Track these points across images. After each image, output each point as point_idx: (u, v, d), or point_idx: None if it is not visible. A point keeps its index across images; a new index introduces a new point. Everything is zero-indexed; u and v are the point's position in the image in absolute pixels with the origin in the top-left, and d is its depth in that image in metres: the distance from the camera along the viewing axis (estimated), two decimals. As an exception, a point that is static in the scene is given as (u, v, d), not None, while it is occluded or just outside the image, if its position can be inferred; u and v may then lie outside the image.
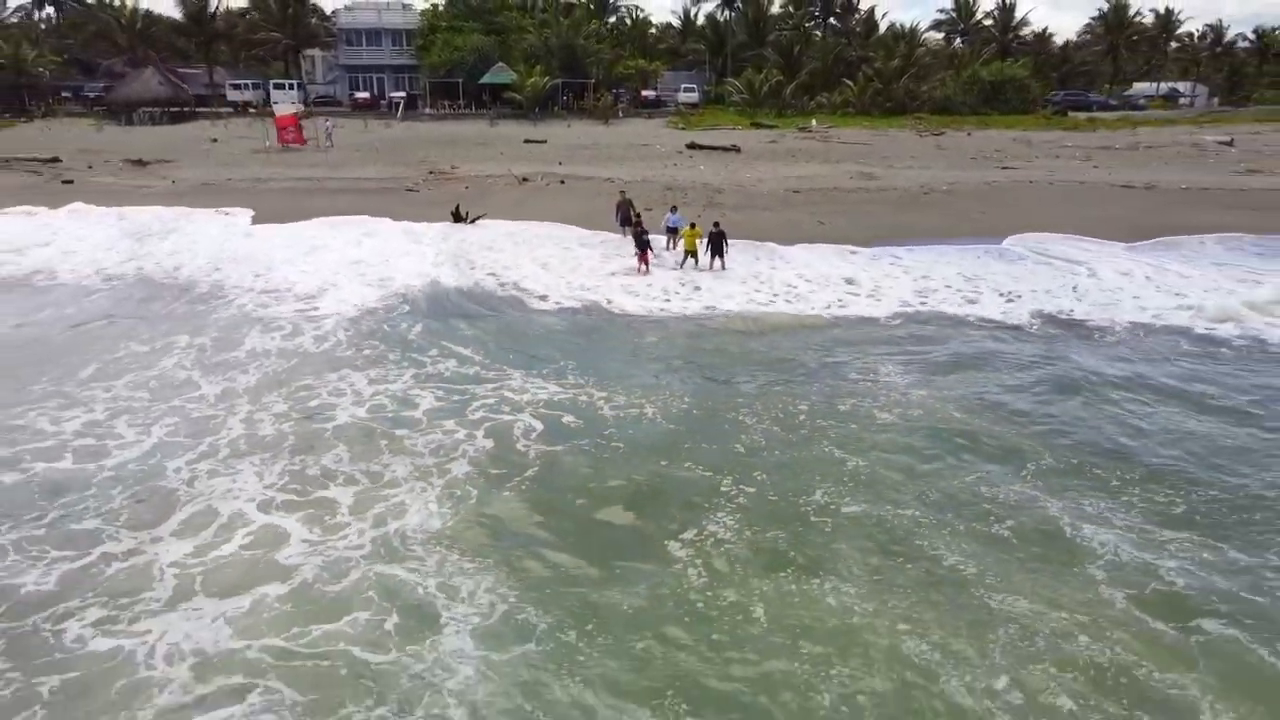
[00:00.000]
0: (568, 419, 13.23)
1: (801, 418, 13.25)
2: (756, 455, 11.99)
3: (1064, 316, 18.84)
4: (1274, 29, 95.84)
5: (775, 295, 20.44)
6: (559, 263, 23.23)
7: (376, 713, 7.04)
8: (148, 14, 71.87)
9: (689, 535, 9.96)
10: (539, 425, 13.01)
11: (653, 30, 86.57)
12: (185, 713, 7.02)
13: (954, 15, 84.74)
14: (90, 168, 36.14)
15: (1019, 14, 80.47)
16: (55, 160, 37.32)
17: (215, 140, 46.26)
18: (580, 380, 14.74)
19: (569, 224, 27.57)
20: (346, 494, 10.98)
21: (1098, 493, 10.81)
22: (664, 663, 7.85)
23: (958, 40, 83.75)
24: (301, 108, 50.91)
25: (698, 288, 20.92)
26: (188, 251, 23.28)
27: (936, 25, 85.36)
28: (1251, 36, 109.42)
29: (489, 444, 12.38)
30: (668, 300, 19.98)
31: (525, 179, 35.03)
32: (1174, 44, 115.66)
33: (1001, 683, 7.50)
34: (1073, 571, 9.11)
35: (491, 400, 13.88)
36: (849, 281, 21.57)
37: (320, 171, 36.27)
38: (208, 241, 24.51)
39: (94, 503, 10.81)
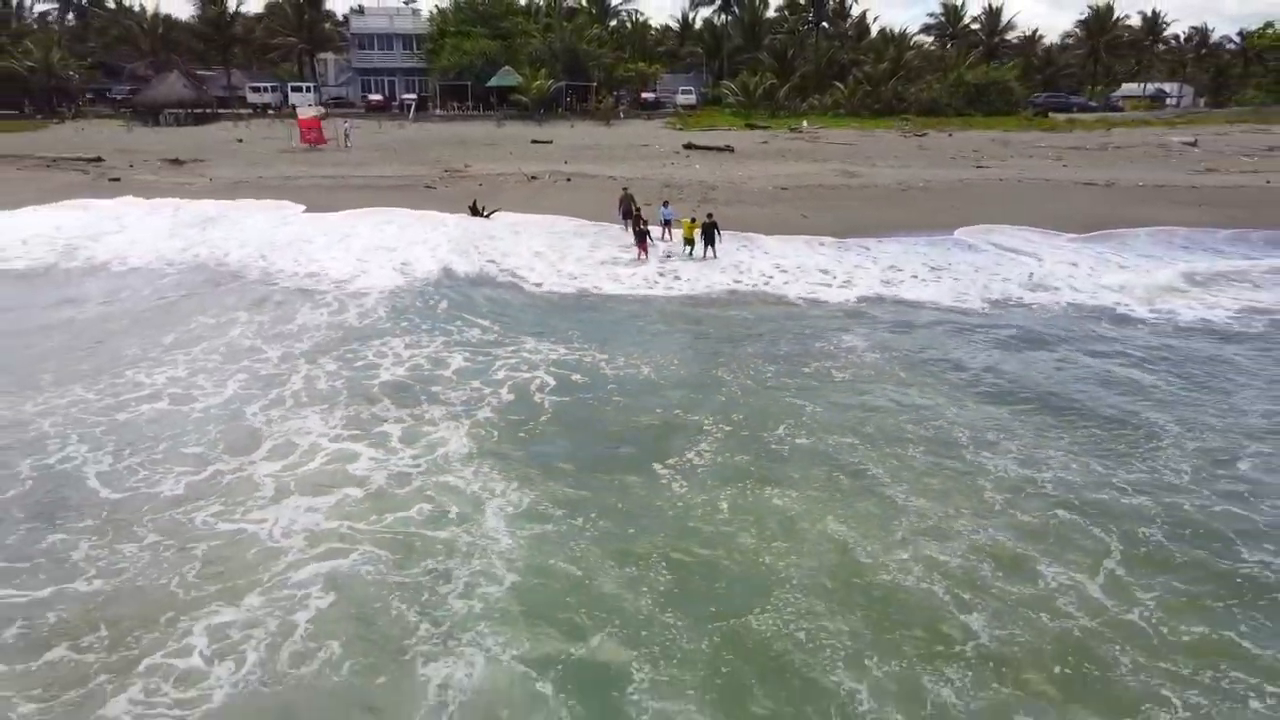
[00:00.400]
0: (575, 376, 15.75)
1: (769, 375, 15.81)
2: (731, 402, 14.53)
3: (1008, 299, 21.37)
4: (1256, 31, 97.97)
5: (755, 282, 22.87)
6: (565, 252, 25.77)
7: (445, 564, 9.58)
8: (168, 19, 74.47)
9: (671, 460, 12.47)
10: (551, 381, 15.54)
11: (652, 33, 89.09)
12: (308, 562, 9.56)
13: (943, 19, 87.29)
14: (131, 166, 38.64)
15: (1005, 18, 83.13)
16: (99, 160, 39.83)
17: (241, 140, 48.83)
18: (584, 346, 17.28)
19: (576, 217, 30.11)
20: (397, 429, 13.50)
21: (1001, 428, 13.36)
22: (646, 540, 10.35)
23: (948, 44, 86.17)
24: (322, 110, 53.30)
25: (678, 276, 23.30)
26: (237, 240, 25.88)
27: (926, 29, 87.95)
28: (1236, 38, 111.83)
29: (510, 396, 14.89)
30: (650, 288, 22.32)
31: (534, 177, 37.57)
32: (1160, 46, 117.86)
33: (898, 552, 10.03)
34: (966, 482, 11.66)
35: (511, 361, 16.44)
36: (823, 270, 24.04)
37: (343, 170, 38.81)
38: (255, 231, 27.14)
39: (194, 435, 13.35)
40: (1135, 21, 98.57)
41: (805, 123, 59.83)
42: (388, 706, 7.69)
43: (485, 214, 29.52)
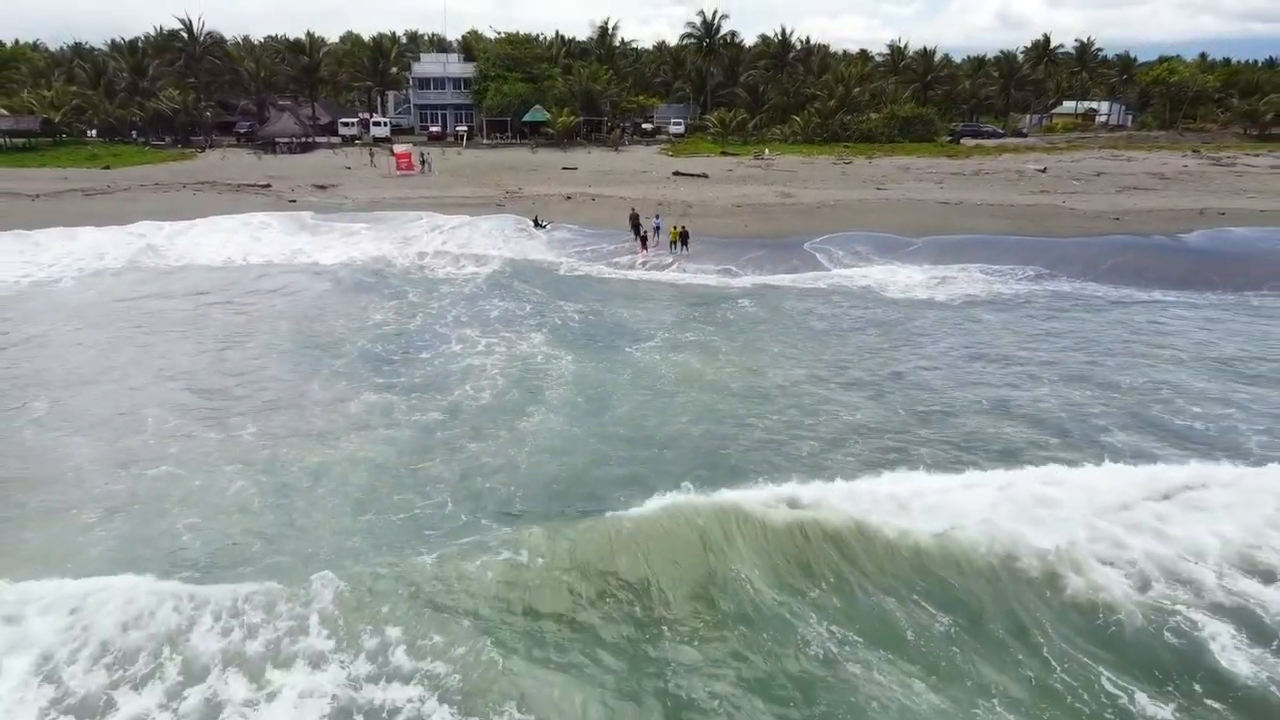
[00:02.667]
0: (590, 317, 28.97)
1: (693, 316, 29.02)
2: (669, 326, 27.69)
3: (833, 281, 34.38)
4: (1146, 66, 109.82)
5: (696, 275, 35.95)
6: (591, 248, 38.99)
7: (545, 373, 22.89)
8: (269, 63, 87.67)
9: (637, 345, 25.54)
10: (577, 318, 28.77)
11: (649, 66, 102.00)
12: (494, 370, 22.84)
13: (889, 59, 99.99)
14: (293, 190, 51.90)
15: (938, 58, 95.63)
16: (268, 185, 53.04)
17: (349, 168, 62.05)
18: (595, 304, 30.49)
19: (600, 226, 43.20)
20: (511, 335, 26.66)
21: (789, 341, 26.60)
22: (622, 368, 23.48)
23: (891, 82, 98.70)
24: (412, 146, 66.33)
25: (655, 269, 36.41)
26: (396, 245, 39.30)
27: (876, 68, 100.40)
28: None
29: (559, 323, 28.09)
30: (638, 274, 35.49)
31: (569, 197, 50.66)
32: (1085, 73, 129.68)
33: (714, 372, 23.29)
34: (758, 352, 24.90)
35: (555, 309, 29.68)
36: (729, 270, 37.14)
37: (434, 191, 52.04)
38: (402, 236, 40.58)
39: (418, 337, 26.59)
40: (1070, 47, 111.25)
41: (767, 150, 72.71)
42: (529, 407, 20.89)
43: (544, 225, 42.70)
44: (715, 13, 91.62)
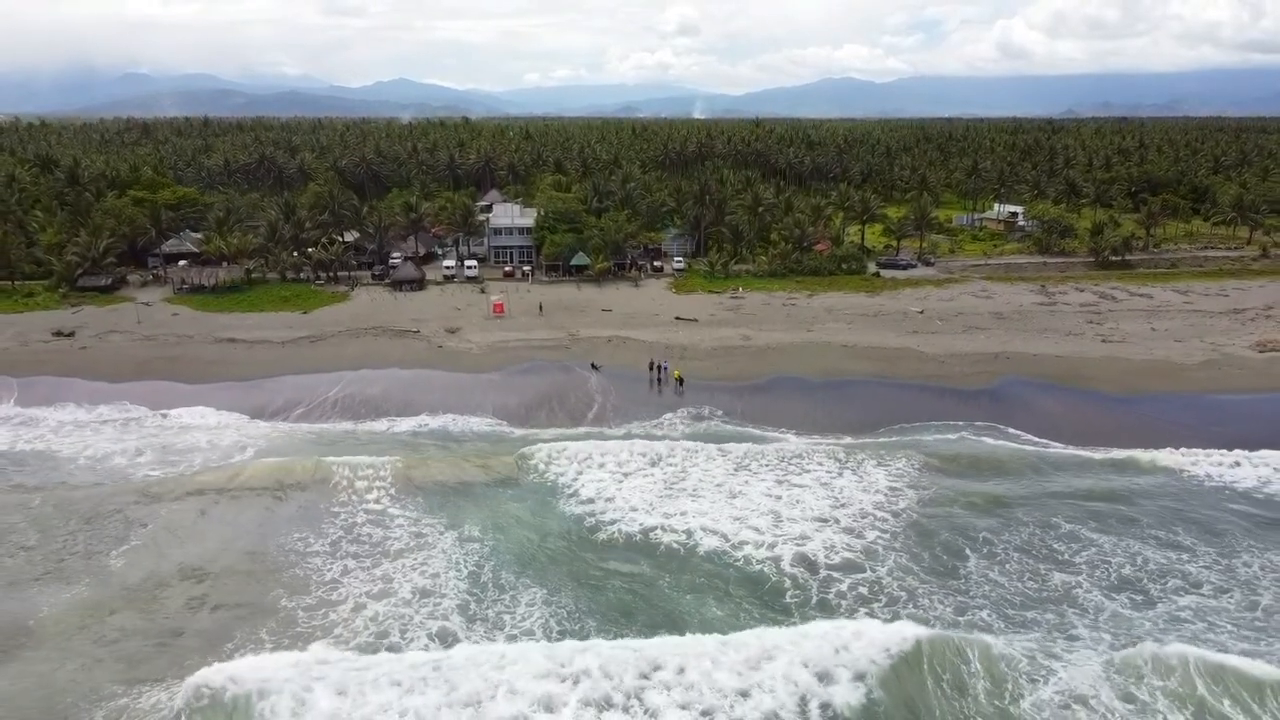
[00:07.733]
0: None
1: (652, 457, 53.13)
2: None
3: (726, 435, 58.24)
4: (1029, 203, 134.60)
5: (658, 430, 59.89)
6: (621, 390, 63.09)
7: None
8: (387, 215, 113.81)
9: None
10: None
11: (658, 197, 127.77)
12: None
13: (837, 199, 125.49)
14: (433, 334, 75.93)
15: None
16: (417, 331, 76.99)
17: (459, 309, 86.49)
18: (612, 429, 54.67)
19: (629, 367, 67.05)
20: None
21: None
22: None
23: (839, 215, 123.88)
24: (504, 295, 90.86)
25: (650, 424, 60.47)
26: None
27: (829, 204, 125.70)
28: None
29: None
30: (642, 425, 59.67)
31: (610, 340, 74.45)
32: (1004, 188, 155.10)
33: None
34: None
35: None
36: (693, 417, 61.13)
37: (522, 334, 75.91)
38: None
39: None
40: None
41: (740, 288, 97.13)
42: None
43: (598, 368, 66.66)
44: (707, 173, 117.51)
